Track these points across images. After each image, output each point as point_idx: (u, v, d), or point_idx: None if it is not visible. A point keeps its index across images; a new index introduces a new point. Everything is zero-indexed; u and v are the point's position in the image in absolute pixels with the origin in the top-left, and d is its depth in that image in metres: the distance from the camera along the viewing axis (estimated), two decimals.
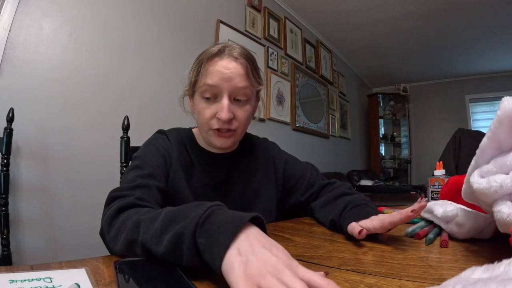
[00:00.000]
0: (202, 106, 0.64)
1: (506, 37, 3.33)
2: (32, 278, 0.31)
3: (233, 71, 0.62)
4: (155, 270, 0.36)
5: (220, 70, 0.61)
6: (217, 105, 0.63)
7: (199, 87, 0.64)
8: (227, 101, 0.62)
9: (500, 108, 0.33)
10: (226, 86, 0.61)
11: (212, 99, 0.63)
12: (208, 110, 0.63)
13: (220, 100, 0.62)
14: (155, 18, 1.75)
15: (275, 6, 2.84)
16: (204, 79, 0.62)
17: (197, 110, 0.66)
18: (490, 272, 0.22)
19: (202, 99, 0.64)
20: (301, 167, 0.82)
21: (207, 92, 0.63)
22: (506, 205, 0.33)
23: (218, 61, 0.62)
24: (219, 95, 0.62)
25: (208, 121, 0.64)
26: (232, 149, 0.75)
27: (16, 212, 1.17)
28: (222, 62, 0.62)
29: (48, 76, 1.30)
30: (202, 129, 0.68)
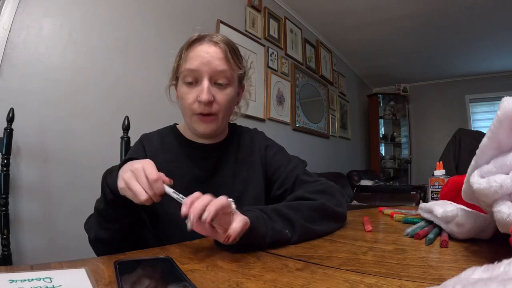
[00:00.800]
0: (184, 91, 0.65)
1: (506, 37, 3.33)
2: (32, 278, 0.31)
3: (213, 54, 0.63)
4: (155, 270, 0.36)
5: (200, 54, 0.63)
6: (198, 88, 0.64)
7: (181, 72, 0.65)
8: (207, 83, 0.63)
9: (500, 108, 0.33)
10: (206, 69, 0.63)
11: (194, 83, 0.64)
12: (190, 94, 0.64)
13: (200, 84, 0.64)
14: (155, 18, 1.75)
15: (275, 6, 2.84)
16: (185, 64, 0.64)
17: (180, 96, 0.67)
18: (490, 272, 0.22)
19: (184, 84, 0.65)
20: (282, 157, 0.77)
21: (189, 77, 0.64)
22: (506, 205, 0.33)
23: (198, 46, 0.64)
24: (199, 79, 0.64)
25: (190, 106, 0.65)
26: (220, 139, 0.75)
27: (16, 212, 1.17)
28: (202, 47, 0.64)
29: (48, 76, 1.30)
30: (186, 116, 0.68)
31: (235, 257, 0.43)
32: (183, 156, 0.72)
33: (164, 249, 0.49)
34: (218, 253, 0.46)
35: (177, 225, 0.66)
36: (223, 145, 0.76)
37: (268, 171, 0.77)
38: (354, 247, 0.48)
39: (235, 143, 0.77)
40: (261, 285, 0.32)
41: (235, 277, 0.34)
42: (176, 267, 0.36)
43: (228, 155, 0.75)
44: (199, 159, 0.72)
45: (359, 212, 0.93)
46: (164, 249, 0.49)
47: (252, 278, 0.34)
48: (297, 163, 0.77)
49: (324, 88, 3.58)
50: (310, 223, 0.54)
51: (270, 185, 0.77)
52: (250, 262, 0.40)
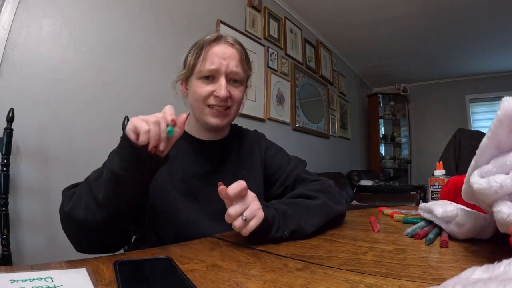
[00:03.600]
0: (199, 85, 0.68)
1: (506, 37, 3.33)
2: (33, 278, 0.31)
3: (230, 55, 0.69)
4: (155, 270, 0.36)
5: (219, 54, 0.68)
6: (214, 84, 0.68)
7: (198, 70, 0.68)
8: (224, 81, 0.68)
9: (500, 108, 0.33)
10: (223, 68, 0.68)
11: (210, 79, 0.68)
12: (206, 88, 0.68)
13: (217, 80, 0.68)
14: (155, 19, 1.75)
15: (275, 6, 2.84)
16: (204, 62, 0.68)
17: (194, 90, 0.69)
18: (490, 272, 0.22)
19: (199, 79, 0.69)
20: (283, 158, 0.80)
21: (206, 74, 0.68)
22: (506, 205, 0.33)
23: (216, 46, 0.69)
24: (216, 76, 0.68)
25: (205, 98, 0.68)
26: (222, 137, 0.77)
27: (16, 212, 1.17)
28: (220, 47, 0.69)
29: (48, 76, 1.30)
30: (197, 108, 0.70)
31: (235, 257, 0.43)
32: (185, 151, 0.73)
33: (164, 249, 0.49)
34: (218, 253, 0.46)
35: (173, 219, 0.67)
36: (225, 142, 0.77)
37: (268, 171, 0.79)
38: (354, 247, 0.48)
39: (236, 142, 0.79)
40: (261, 285, 0.32)
41: (235, 277, 0.34)
42: (176, 267, 0.36)
43: (229, 153, 0.77)
44: (201, 155, 0.74)
45: (359, 212, 0.93)
46: (164, 249, 0.49)
47: (252, 278, 0.34)
48: (297, 162, 0.80)
49: (324, 88, 3.58)
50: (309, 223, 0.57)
51: (270, 184, 0.79)
52: (250, 262, 0.40)
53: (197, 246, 0.51)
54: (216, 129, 0.73)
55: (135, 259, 0.39)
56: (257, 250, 0.47)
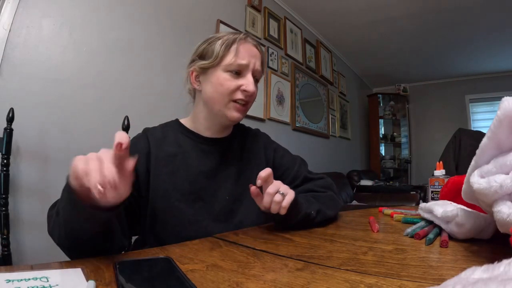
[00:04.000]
0: (227, 78, 0.68)
1: (506, 37, 3.33)
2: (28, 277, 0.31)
3: (256, 55, 0.72)
4: (155, 270, 0.36)
5: (249, 52, 0.70)
6: (241, 79, 0.69)
7: (228, 63, 0.68)
8: (252, 78, 0.70)
9: (500, 108, 0.33)
10: (251, 66, 0.70)
11: (237, 74, 0.69)
12: (234, 82, 0.69)
13: (245, 76, 0.70)
14: (154, 19, 1.75)
15: (275, 6, 2.84)
16: (236, 56, 0.68)
17: (220, 82, 0.69)
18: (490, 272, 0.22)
19: (227, 72, 0.69)
20: (290, 159, 0.84)
21: (236, 69, 0.69)
22: (506, 205, 0.33)
23: (247, 44, 0.71)
24: (244, 72, 0.70)
25: (231, 92, 0.69)
26: (225, 134, 0.77)
27: (16, 212, 1.17)
28: (249, 45, 0.71)
29: (48, 76, 1.30)
30: (221, 101, 0.69)
31: (235, 257, 0.43)
32: (188, 149, 0.72)
33: (164, 249, 0.49)
34: (218, 253, 0.46)
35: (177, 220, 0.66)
36: (229, 140, 0.77)
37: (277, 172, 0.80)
38: (354, 247, 0.48)
39: (240, 141, 0.80)
40: (261, 285, 0.32)
41: (235, 277, 0.34)
42: (176, 267, 0.36)
43: (233, 151, 0.77)
44: (205, 153, 0.73)
45: (359, 212, 0.93)
46: (164, 249, 0.49)
47: (252, 278, 0.34)
48: (300, 163, 0.85)
49: (324, 88, 3.58)
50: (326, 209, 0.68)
51: None
52: (250, 262, 0.40)
53: (197, 246, 0.51)
54: (233, 123, 0.75)
55: (135, 259, 0.39)
56: (257, 250, 0.47)
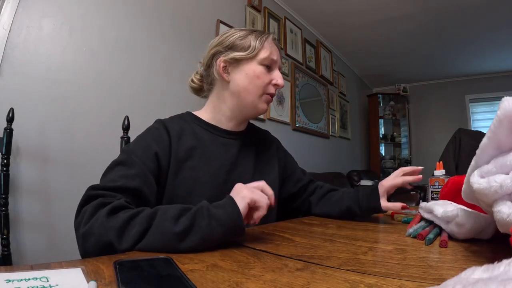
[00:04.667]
0: (262, 71, 0.72)
1: (506, 37, 3.33)
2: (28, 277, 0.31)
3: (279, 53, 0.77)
4: (155, 270, 0.36)
5: (276, 50, 0.75)
6: (273, 74, 0.74)
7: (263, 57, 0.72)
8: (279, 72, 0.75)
9: (500, 108, 0.33)
10: (278, 62, 0.76)
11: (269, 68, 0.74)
12: (267, 76, 0.73)
13: (274, 71, 0.74)
14: (155, 19, 1.75)
15: (275, 6, 2.84)
16: (269, 52, 0.72)
17: (256, 74, 0.72)
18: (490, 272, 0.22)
19: (261, 66, 0.72)
20: (295, 162, 0.93)
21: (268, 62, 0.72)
22: (506, 205, 0.33)
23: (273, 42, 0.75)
24: (273, 67, 0.74)
25: (266, 86, 0.73)
26: (242, 129, 0.79)
27: (16, 212, 1.17)
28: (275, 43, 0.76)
29: (48, 76, 1.30)
30: (255, 93, 0.72)
31: (235, 257, 0.43)
32: (207, 142, 0.72)
33: None
34: (218, 253, 0.46)
35: None
36: (245, 134, 0.80)
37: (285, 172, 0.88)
38: (354, 247, 0.48)
39: (254, 136, 0.83)
40: (261, 285, 0.32)
41: (235, 277, 0.34)
42: (176, 267, 0.36)
43: (249, 145, 0.79)
44: (224, 145, 0.74)
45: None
46: None
47: (252, 278, 0.34)
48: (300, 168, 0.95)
49: (324, 88, 3.58)
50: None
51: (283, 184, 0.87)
52: (250, 262, 0.40)
53: None
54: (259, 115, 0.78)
55: (135, 259, 0.39)
56: (257, 250, 0.47)
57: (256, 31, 0.74)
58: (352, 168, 3.98)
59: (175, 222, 0.45)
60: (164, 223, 0.45)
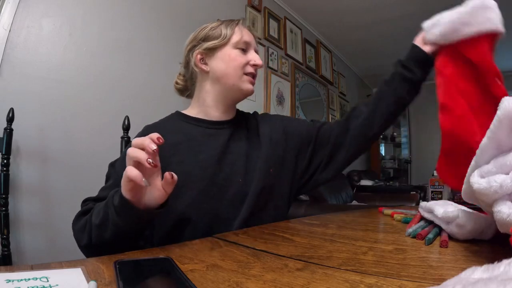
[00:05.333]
0: (238, 54, 0.74)
1: (506, 37, 3.32)
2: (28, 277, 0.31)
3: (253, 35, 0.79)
4: (155, 270, 0.36)
5: (248, 33, 0.77)
6: (249, 55, 0.75)
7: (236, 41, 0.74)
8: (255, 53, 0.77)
9: (500, 108, 0.33)
10: (253, 44, 0.77)
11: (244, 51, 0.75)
12: (243, 57, 0.74)
13: (250, 52, 0.76)
14: (155, 19, 1.75)
15: (275, 6, 2.84)
16: (241, 36, 0.75)
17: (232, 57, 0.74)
18: (490, 272, 0.22)
19: (236, 49, 0.74)
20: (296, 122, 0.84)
21: (242, 46, 0.75)
22: (506, 205, 0.33)
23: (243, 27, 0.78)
24: (248, 49, 0.76)
25: (243, 66, 0.74)
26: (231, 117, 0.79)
27: (16, 212, 1.17)
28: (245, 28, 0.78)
29: (48, 76, 1.30)
30: (234, 75, 0.74)
31: (235, 257, 0.43)
32: (194, 136, 0.72)
33: (164, 249, 0.49)
34: (218, 253, 0.46)
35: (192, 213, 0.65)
36: (235, 122, 0.78)
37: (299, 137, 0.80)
38: (354, 247, 0.48)
39: (244, 122, 0.80)
40: (261, 285, 0.32)
41: (235, 277, 0.34)
42: (176, 267, 0.36)
43: (240, 133, 0.77)
44: (212, 135, 0.73)
45: (359, 212, 0.93)
46: (164, 249, 0.49)
47: (252, 278, 0.34)
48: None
49: (324, 88, 3.58)
50: None
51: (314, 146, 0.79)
52: (250, 262, 0.40)
53: (197, 246, 0.51)
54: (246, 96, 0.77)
55: (135, 259, 0.39)
56: (257, 250, 0.47)
57: (227, 20, 0.78)
58: (352, 168, 3.98)
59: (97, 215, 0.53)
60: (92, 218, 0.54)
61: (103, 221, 0.51)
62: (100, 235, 0.52)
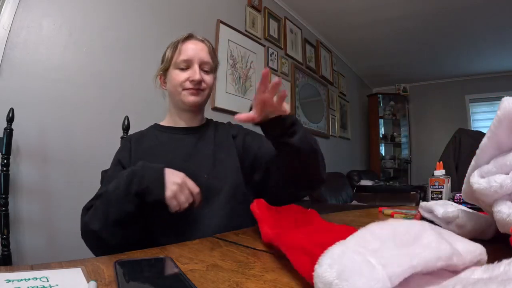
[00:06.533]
0: (177, 73, 0.80)
1: (506, 37, 3.33)
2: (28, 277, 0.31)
3: (201, 48, 0.82)
4: (155, 270, 0.36)
5: (192, 47, 0.81)
6: (189, 71, 0.79)
7: (175, 62, 0.80)
8: (197, 68, 0.79)
9: (500, 108, 0.33)
10: (196, 58, 0.80)
11: (185, 68, 0.80)
12: (183, 75, 0.79)
13: (191, 68, 0.79)
14: (155, 18, 1.75)
15: (275, 6, 2.84)
16: (179, 55, 0.80)
17: (172, 78, 0.81)
18: (490, 272, 0.22)
19: (176, 69, 0.80)
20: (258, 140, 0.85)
21: (182, 65, 0.79)
22: (506, 205, 0.33)
23: (189, 41, 0.82)
24: (191, 65, 0.80)
25: (182, 83, 0.79)
26: (198, 124, 0.87)
27: (16, 212, 1.17)
28: (191, 42, 0.82)
29: (48, 76, 1.30)
30: (176, 92, 0.81)
31: (235, 257, 0.43)
32: (164, 141, 0.82)
33: (164, 249, 0.49)
34: (218, 253, 0.46)
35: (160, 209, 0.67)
36: (201, 128, 0.86)
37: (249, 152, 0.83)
38: None
39: (212, 130, 0.87)
40: (261, 285, 0.32)
41: (235, 277, 0.34)
42: (176, 267, 0.36)
43: (206, 137, 0.84)
44: (180, 140, 0.82)
45: (359, 212, 0.93)
46: (164, 249, 0.49)
47: (252, 278, 0.34)
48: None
49: (324, 88, 3.58)
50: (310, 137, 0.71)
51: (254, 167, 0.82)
52: (250, 262, 0.40)
53: (197, 246, 0.51)
54: (193, 106, 0.82)
55: (135, 259, 0.39)
56: (257, 250, 0.47)
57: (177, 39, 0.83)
58: (352, 168, 3.98)
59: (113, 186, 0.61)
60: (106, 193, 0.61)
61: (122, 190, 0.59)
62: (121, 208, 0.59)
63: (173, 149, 0.79)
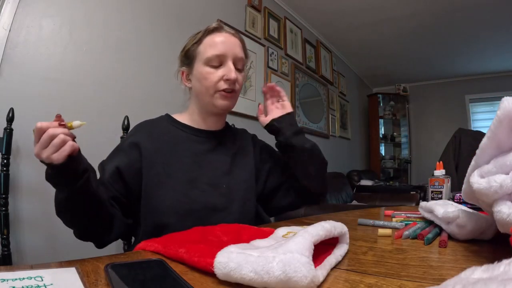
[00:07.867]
0: (208, 71, 0.71)
1: (506, 37, 3.33)
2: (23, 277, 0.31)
3: (234, 43, 0.74)
4: (149, 273, 0.35)
5: (225, 41, 0.72)
6: (223, 69, 0.71)
7: (204, 57, 0.71)
8: (232, 65, 0.71)
9: (500, 108, 0.33)
10: (230, 54, 0.72)
11: (218, 65, 0.72)
12: (215, 74, 0.71)
13: (225, 65, 0.71)
14: (155, 18, 1.75)
15: (275, 6, 2.84)
16: (209, 49, 0.71)
17: (203, 76, 0.72)
18: (490, 272, 0.22)
19: (207, 66, 0.71)
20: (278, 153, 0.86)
21: (214, 61, 0.71)
22: (506, 205, 0.33)
23: (220, 34, 0.73)
24: (224, 61, 0.71)
25: (215, 84, 0.71)
26: (219, 128, 0.81)
27: (16, 212, 1.17)
28: (224, 35, 0.73)
29: (48, 76, 1.30)
30: (207, 93, 0.72)
31: None
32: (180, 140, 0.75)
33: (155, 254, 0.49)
34: None
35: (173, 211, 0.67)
36: (222, 132, 0.81)
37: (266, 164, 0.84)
38: (354, 247, 0.48)
39: (231, 135, 0.83)
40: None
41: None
42: (170, 269, 0.36)
43: (225, 141, 0.80)
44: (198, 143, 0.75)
45: (359, 212, 0.93)
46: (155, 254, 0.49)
47: None
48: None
49: (324, 88, 3.58)
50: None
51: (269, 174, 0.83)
52: None
53: None
54: (224, 111, 0.77)
55: (127, 262, 0.38)
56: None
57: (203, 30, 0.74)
58: (352, 168, 3.98)
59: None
60: None
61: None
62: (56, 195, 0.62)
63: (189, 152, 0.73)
